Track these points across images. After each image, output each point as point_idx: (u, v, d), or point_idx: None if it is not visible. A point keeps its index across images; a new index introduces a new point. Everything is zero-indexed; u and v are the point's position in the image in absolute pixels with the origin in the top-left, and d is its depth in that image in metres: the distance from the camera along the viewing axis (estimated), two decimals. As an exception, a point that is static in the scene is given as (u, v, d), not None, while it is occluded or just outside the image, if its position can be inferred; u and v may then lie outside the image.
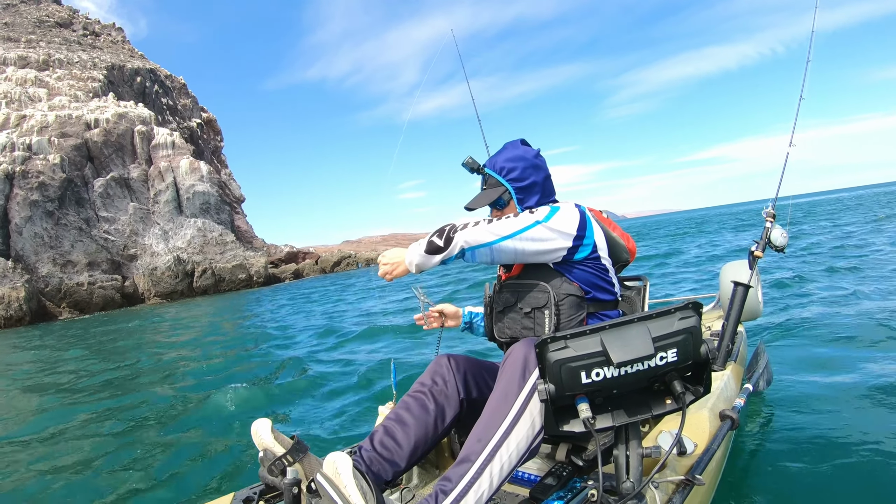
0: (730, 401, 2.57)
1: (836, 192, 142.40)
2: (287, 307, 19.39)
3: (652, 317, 1.51)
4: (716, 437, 2.12)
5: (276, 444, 1.68)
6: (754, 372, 3.34)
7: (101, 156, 40.80)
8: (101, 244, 37.61)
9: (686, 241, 24.36)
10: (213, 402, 5.95)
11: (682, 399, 1.54)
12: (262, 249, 47.73)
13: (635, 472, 1.65)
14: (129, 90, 49.71)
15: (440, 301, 2.51)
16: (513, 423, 1.68)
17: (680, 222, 59.32)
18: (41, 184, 35.90)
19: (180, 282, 38.37)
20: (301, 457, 1.68)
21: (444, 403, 2.01)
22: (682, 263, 14.89)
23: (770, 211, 3.04)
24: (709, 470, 1.98)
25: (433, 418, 1.98)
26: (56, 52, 47.98)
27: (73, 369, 10.31)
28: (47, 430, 5.69)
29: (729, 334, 2.91)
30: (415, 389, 2.05)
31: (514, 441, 1.67)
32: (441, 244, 1.85)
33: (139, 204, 41.56)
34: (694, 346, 1.50)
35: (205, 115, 59.24)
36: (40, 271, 33.81)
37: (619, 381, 1.48)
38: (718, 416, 2.29)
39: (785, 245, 3.00)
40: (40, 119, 39.24)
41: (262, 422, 1.70)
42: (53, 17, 55.22)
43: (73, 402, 7.15)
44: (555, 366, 1.50)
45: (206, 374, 8.02)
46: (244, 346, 11.01)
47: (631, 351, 1.45)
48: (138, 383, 8.03)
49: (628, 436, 1.68)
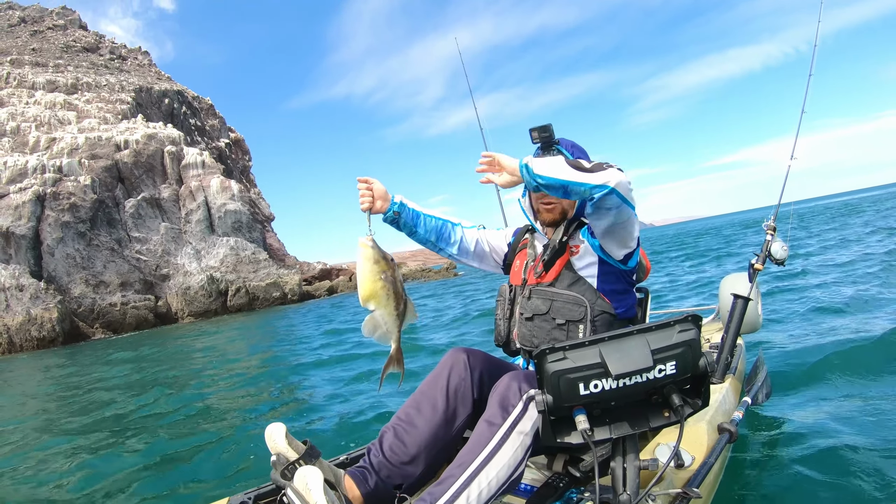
0: (728, 414, 2.64)
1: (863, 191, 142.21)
2: (326, 321, 18.94)
3: (651, 329, 1.51)
4: (714, 451, 2.15)
5: (289, 448, 1.68)
6: (753, 385, 3.29)
7: (131, 176, 40.18)
8: (133, 264, 36.73)
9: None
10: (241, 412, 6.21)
11: (680, 412, 1.52)
12: (295, 267, 46.72)
13: (632, 484, 1.64)
14: (158, 112, 49.47)
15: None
16: (494, 450, 1.65)
17: (715, 228, 58.38)
18: (72, 205, 35.20)
19: (214, 301, 37.29)
20: (313, 461, 1.68)
21: (456, 404, 1.93)
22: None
23: (770, 224, 3.06)
24: (706, 483, 2.00)
25: (445, 419, 1.91)
26: (84, 75, 47.95)
27: (106, 386, 10.16)
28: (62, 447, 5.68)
29: (728, 347, 2.96)
30: (427, 385, 1.98)
31: (495, 469, 1.63)
32: (587, 165, 1.73)
33: (171, 224, 40.82)
34: (693, 358, 1.49)
35: (233, 136, 58.87)
36: (73, 292, 32.87)
37: (617, 393, 1.47)
38: (717, 429, 2.33)
39: (785, 258, 3.02)
40: (70, 141, 38.78)
41: (277, 426, 1.70)
42: (80, 43, 55.43)
43: (95, 417, 7.17)
44: (553, 377, 1.49)
45: (238, 387, 8.05)
46: (284, 360, 10.69)
47: (629, 363, 1.45)
48: (171, 396, 7.98)
49: (626, 448, 1.67)
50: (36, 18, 57.18)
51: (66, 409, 8.36)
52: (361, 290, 1.89)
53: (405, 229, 2.27)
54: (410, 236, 2.32)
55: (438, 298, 21.26)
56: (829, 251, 13.79)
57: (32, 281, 31.10)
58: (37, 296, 30.35)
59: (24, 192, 34.22)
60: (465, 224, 2.42)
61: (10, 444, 6.19)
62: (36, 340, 28.83)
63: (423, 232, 2.30)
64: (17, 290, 30.41)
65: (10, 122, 39.98)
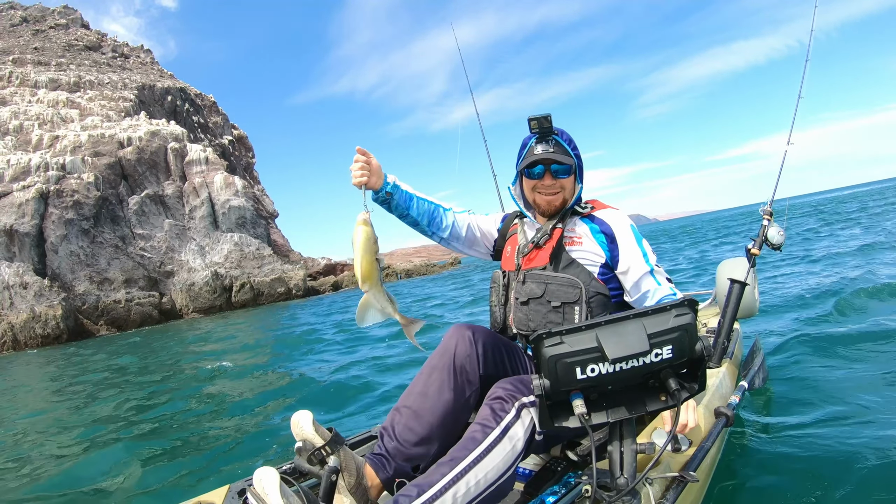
0: (725, 398, 2.65)
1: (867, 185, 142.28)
2: (335, 315, 18.89)
3: (647, 313, 1.49)
4: (710, 435, 2.15)
5: (316, 435, 1.69)
6: (750, 369, 3.29)
7: (135, 173, 40.11)
8: (137, 261, 36.66)
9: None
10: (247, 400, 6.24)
11: (676, 396, 1.52)
12: (300, 262, 46.60)
13: (629, 468, 1.65)
14: (161, 109, 49.42)
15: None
16: (484, 452, 1.65)
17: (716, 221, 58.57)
18: (76, 202, 35.15)
19: (218, 297, 37.23)
20: (338, 448, 1.69)
21: (463, 380, 1.91)
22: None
23: (767, 209, 3.07)
24: (703, 467, 2.01)
25: (454, 397, 1.88)
26: (86, 74, 47.92)
27: (113, 383, 10.06)
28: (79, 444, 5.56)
29: (725, 331, 2.95)
30: (432, 363, 1.94)
31: (483, 471, 1.63)
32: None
33: (175, 220, 40.74)
34: (689, 343, 1.48)
35: (236, 132, 58.76)
36: (77, 289, 32.83)
37: (613, 377, 1.47)
38: (713, 413, 2.34)
39: (782, 243, 3.03)
40: (73, 139, 38.73)
41: (304, 413, 1.71)
42: (82, 41, 55.44)
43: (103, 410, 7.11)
44: (550, 361, 1.47)
45: (246, 378, 8.12)
46: (289, 354, 10.64)
47: (626, 347, 1.44)
48: (174, 389, 8.05)
49: (623, 432, 1.68)
50: (38, 18, 57.22)
51: (70, 403, 8.33)
52: (363, 270, 1.91)
53: (396, 211, 2.24)
54: (401, 219, 2.29)
55: (444, 286, 21.17)
56: (840, 240, 13.83)
57: (36, 279, 31.08)
58: (41, 293, 30.34)
59: (27, 190, 34.14)
60: (457, 209, 2.42)
61: (21, 437, 6.24)
62: (41, 338, 28.82)
63: (415, 215, 2.28)
64: (21, 288, 30.41)
65: (13, 120, 39.95)
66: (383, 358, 7.53)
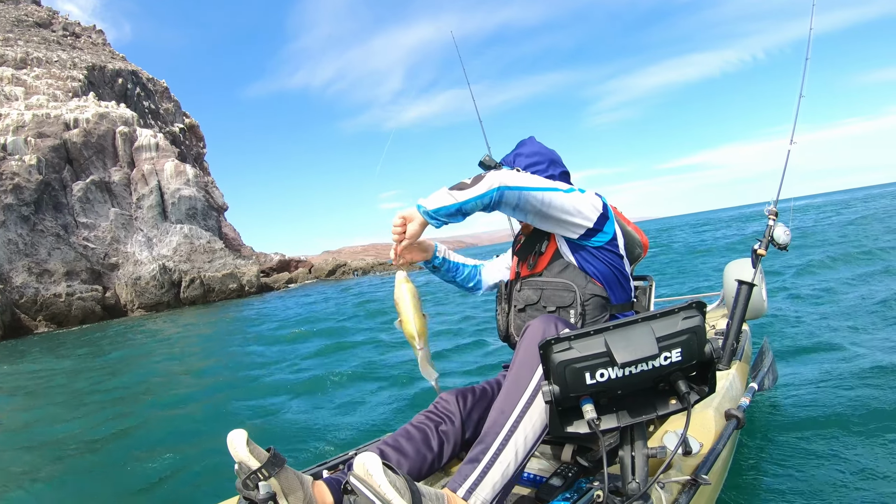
0: (735, 400, 2.62)
1: (830, 194, 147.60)
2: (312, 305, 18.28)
3: (656, 317, 1.50)
4: (721, 437, 2.14)
5: (250, 457, 1.56)
6: (759, 370, 3.30)
7: (80, 158, 38.17)
8: (80, 252, 34.89)
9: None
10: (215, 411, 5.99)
11: (686, 399, 1.52)
12: (252, 258, 45.43)
13: (641, 472, 1.65)
14: (110, 92, 47.25)
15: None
16: (533, 394, 1.67)
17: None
18: (16, 186, 33.21)
19: (166, 292, 35.85)
20: (277, 471, 1.56)
21: (444, 441, 1.93)
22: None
23: (772, 209, 3.05)
24: (714, 469, 1.99)
25: (432, 459, 1.90)
26: (34, 50, 45.44)
27: (54, 386, 9.64)
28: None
29: (733, 333, 2.91)
30: (419, 422, 1.97)
31: (537, 412, 1.65)
32: (468, 182, 1.78)
33: (121, 209, 39.03)
34: (698, 345, 1.49)
35: (187, 121, 56.80)
36: (14, 281, 30.96)
37: (623, 381, 1.47)
38: (724, 416, 2.32)
39: (788, 243, 3.01)
40: (16, 118, 36.59)
41: (238, 433, 1.58)
42: (32, 17, 52.50)
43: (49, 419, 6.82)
44: (559, 367, 1.48)
45: (201, 384, 7.84)
46: (253, 357, 10.18)
47: (635, 351, 1.44)
48: (120, 399, 7.62)
49: (633, 436, 1.68)
50: (-17, -12, 54.00)
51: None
52: (417, 328, 1.94)
53: (443, 276, 2.43)
54: (447, 282, 2.48)
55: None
56: (848, 240, 14.15)
57: (-31, 267, 29.16)
58: (-26, 284, 28.44)
59: (-38, 172, 32.08)
60: (485, 263, 2.54)
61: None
62: (-29, 333, 26.96)
63: (460, 280, 2.47)
64: (-48, 277, 28.52)
65: (-50, 95, 37.54)
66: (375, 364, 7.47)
